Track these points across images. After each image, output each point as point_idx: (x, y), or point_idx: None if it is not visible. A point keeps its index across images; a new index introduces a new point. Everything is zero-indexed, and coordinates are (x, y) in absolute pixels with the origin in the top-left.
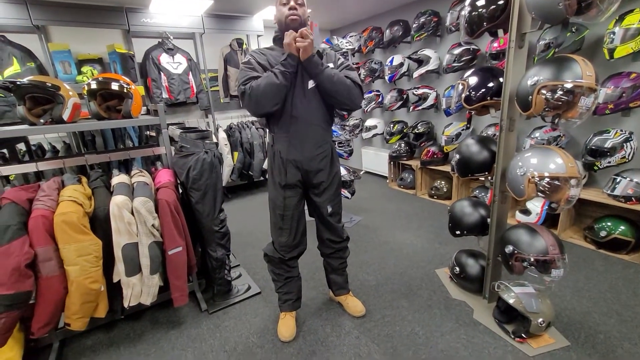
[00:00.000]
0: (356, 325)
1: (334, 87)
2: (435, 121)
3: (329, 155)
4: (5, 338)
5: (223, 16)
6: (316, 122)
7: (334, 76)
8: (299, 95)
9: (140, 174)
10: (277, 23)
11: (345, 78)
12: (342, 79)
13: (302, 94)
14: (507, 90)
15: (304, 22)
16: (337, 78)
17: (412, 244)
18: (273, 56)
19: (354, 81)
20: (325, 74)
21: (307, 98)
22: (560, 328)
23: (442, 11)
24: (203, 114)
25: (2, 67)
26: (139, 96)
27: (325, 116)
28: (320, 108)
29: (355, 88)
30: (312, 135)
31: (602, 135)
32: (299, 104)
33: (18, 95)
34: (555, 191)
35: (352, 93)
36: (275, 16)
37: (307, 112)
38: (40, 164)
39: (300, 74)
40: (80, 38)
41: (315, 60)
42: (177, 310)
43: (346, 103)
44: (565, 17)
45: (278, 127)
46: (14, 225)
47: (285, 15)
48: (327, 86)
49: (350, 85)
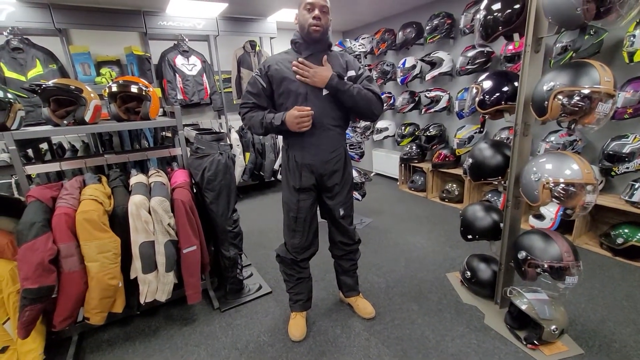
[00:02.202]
0: (366, 327)
1: (356, 103)
2: (448, 124)
3: (342, 159)
4: (29, 330)
5: (237, 19)
6: (331, 127)
7: (356, 95)
8: (314, 101)
9: (158, 174)
10: (298, 25)
11: (367, 92)
12: (364, 95)
13: (317, 100)
14: (522, 95)
15: (326, 31)
16: (359, 95)
17: (422, 247)
18: (289, 61)
19: (375, 93)
20: (347, 93)
21: (323, 104)
22: (574, 336)
23: (456, 13)
24: (216, 114)
25: (26, 69)
26: (157, 98)
27: (340, 121)
28: (335, 114)
29: (377, 102)
30: (327, 140)
31: (620, 140)
32: (315, 106)
33: (43, 97)
34: (570, 197)
35: (374, 106)
36: (297, 18)
37: (323, 118)
38: (63, 163)
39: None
40: (100, 40)
41: (335, 85)
42: (190, 307)
43: (367, 115)
44: (583, 22)
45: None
46: (39, 222)
47: (309, 24)
48: (349, 102)
49: (372, 99)
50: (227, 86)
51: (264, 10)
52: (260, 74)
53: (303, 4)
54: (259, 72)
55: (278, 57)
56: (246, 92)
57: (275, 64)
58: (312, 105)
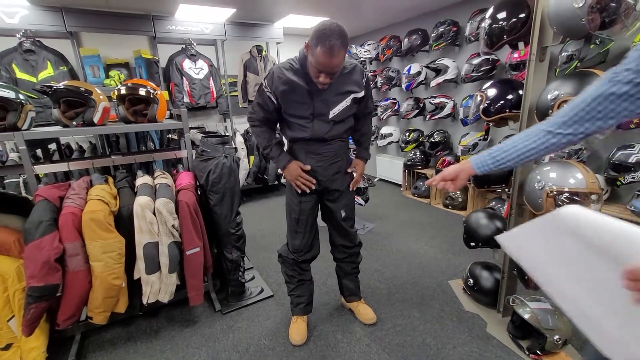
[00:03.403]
0: (367, 332)
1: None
2: (452, 130)
3: (344, 164)
4: (33, 328)
5: (244, 24)
6: (334, 141)
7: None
8: (319, 123)
9: (163, 175)
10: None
11: (370, 128)
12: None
13: (323, 120)
14: (526, 103)
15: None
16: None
17: (425, 254)
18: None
19: (371, 116)
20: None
21: (327, 126)
22: (578, 346)
23: (462, 21)
24: (222, 118)
25: (37, 70)
26: (164, 101)
27: (343, 135)
28: (337, 131)
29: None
30: (331, 150)
31: (626, 150)
32: (319, 127)
33: (54, 98)
34: None
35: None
36: (306, 56)
37: (327, 133)
38: (71, 164)
39: (323, 103)
40: (109, 44)
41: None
42: (192, 309)
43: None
44: (588, 32)
45: (297, 140)
46: (46, 221)
47: (317, 80)
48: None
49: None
50: (233, 90)
51: (271, 16)
52: (270, 90)
53: (314, 60)
54: (269, 89)
55: (288, 75)
56: (256, 103)
57: (283, 85)
58: (317, 126)
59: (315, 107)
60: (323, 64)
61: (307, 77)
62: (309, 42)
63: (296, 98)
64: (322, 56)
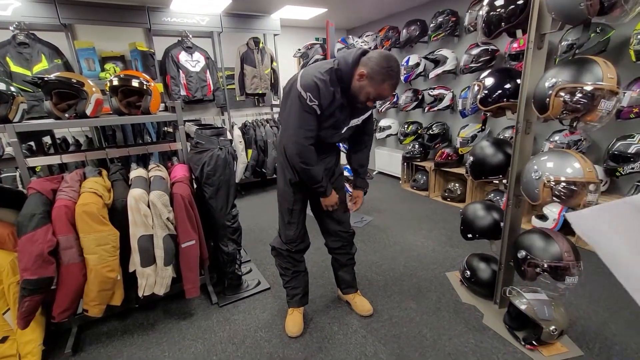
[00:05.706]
0: (363, 324)
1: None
2: (451, 122)
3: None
4: (28, 321)
5: (241, 15)
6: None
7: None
8: (331, 131)
9: (157, 168)
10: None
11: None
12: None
13: (334, 131)
14: (524, 92)
15: None
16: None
17: (423, 246)
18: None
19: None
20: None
21: (339, 134)
22: (574, 337)
23: (461, 11)
24: (219, 111)
25: (31, 64)
26: (158, 93)
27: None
28: (345, 135)
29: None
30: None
31: (626, 140)
32: (328, 136)
33: (45, 90)
34: (571, 196)
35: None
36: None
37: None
38: (64, 156)
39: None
40: (104, 36)
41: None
42: (188, 301)
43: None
44: (587, 17)
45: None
46: (39, 214)
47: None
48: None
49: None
50: (230, 83)
51: (267, 7)
52: (318, 102)
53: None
54: (317, 101)
55: (332, 89)
56: (305, 116)
57: (331, 97)
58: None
59: (339, 120)
60: (384, 96)
61: (343, 92)
62: (369, 73)
63: (333, 112)
64: (388, 91)
